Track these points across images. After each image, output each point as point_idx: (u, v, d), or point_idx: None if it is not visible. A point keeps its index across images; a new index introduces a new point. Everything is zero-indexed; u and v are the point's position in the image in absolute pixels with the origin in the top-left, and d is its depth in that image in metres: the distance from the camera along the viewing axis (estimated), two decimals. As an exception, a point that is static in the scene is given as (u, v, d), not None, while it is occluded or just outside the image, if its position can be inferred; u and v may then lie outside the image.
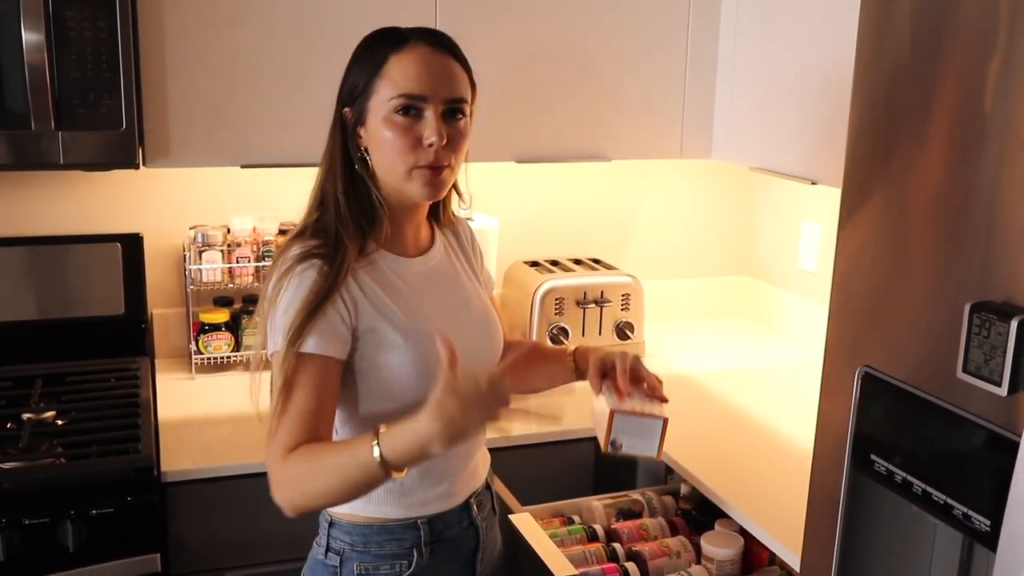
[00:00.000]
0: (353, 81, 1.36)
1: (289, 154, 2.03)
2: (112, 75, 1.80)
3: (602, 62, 2.21)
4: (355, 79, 1.36)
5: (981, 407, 1.01)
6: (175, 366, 2.30)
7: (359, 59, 1.37)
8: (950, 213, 1.06)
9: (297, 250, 1.31)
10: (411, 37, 1.35)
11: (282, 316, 1.27)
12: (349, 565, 1.39)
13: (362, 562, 1.39)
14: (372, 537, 1.39)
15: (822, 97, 1.92)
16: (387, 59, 1.33)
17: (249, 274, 2.28)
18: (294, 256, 1.30)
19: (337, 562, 1.39)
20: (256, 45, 1.96)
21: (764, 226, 2.75)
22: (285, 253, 1.32)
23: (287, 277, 1.28)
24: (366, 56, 1.36)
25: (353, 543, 1.39)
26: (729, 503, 1.70)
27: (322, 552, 1.41)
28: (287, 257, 1.31)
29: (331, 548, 1.40)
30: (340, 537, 1.40)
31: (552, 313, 2.36)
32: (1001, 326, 0.96)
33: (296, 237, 1.34)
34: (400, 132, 1.31)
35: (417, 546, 1.40)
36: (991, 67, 1.00)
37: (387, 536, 1.39)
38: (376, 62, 1.34)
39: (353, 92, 1.36)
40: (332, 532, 1.40)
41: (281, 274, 1.29)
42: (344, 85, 1.38)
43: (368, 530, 1.38)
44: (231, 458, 1.85)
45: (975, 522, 1.03)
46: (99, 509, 1.71)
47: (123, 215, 2.27)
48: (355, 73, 1.36)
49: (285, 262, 1.30)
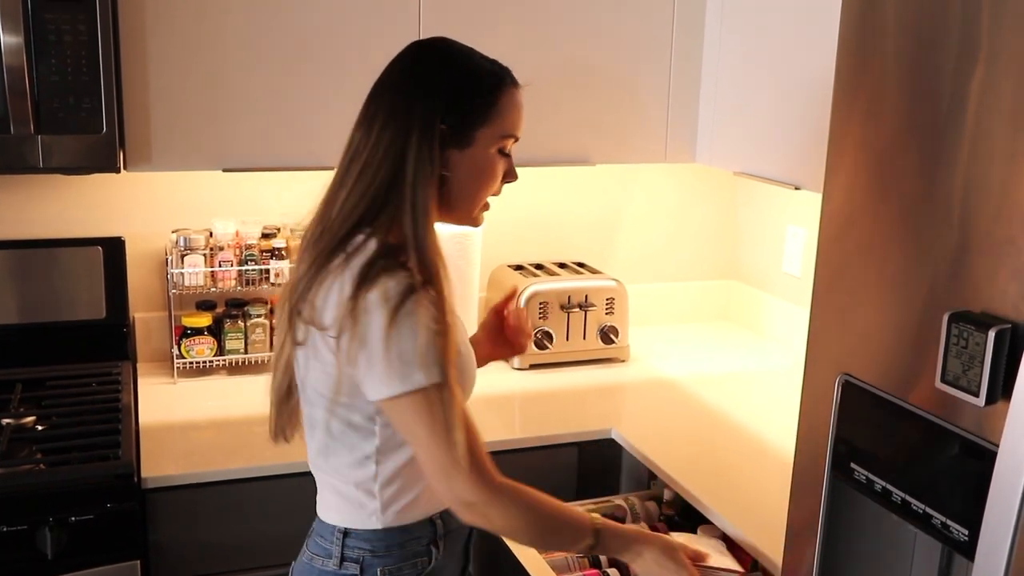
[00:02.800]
0: (465, 101, 1.33)
1: (272, 158, 2.02)
2: (92, 78, 1.79)
3: (586, 66, 2.21)
4: (468, 100, 1.33)
5: (959, 417, 1.01)
6: (157, 370, 2.29)
7: (476, 80, 1.34)
8: (928, 222, 1.06)
9: (402, 282, 1.24)
10: (510, 75, 1.39)
11: (414, 351, 1.23)
12: (371, 571, 1.39)
13: (385, 566, 1.39)
14: (395, 539, 1.39)
15: (805, 102, 1.92)
16: (502, 93, 1.35)
17: (232, 278, 2.27)
18: (403, 288, 1.23)
19: (357, 570, 1.39)
20: (238, 48, 1.95)
21: (749, 230, 2.76)
22: (384, 285, 1.23)
23: (400, 313, 1.23)
24: (477, 82, 1.34)
25: (375, 549, 1.39)
26: (711, 509, 1.70)
27: (335, 563, 1.40)
28: (393, 287, 1.23)
29: (347, 558, 1.39)
30: (359, 546, 1.39)
31: (536, 317, 2.35)
32: (979, 336, 0.96)
33: (381, 259, 1.27)
34: (499, 169, 1.38)
35: (434, 541, 1.43)
36: (972, 77, 1.00)
37: (408, 536, 1.40)
38: (491, 91, 1.34)
39: (463, 111, 1.32)
40: (348, 542, 1.39)
41: (391, 313, 1.22)
42: (444, 97, 1.31)
43: (390, 534, 1.39)
44: (213, 464, 1.84)
45: (953, 531, 1.03)
46: (78, 516, 1.69)
47: (105, 219, 2.25)
48: (468, 94, 1.33)
49: (389, 299, 1.23)
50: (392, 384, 1.25)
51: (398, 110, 1.31)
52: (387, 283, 1.24)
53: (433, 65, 1.35)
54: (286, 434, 1.45)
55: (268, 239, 2.30)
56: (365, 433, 1.35)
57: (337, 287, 1.27)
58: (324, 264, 1.30)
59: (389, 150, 1.29)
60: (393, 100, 1.32)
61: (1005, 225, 0.97)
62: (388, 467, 1.36)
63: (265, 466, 1.83)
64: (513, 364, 2.38)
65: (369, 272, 1.25)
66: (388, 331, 1.23)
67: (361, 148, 1.32)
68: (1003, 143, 0.97)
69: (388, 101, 1.33)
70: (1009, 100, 0.96)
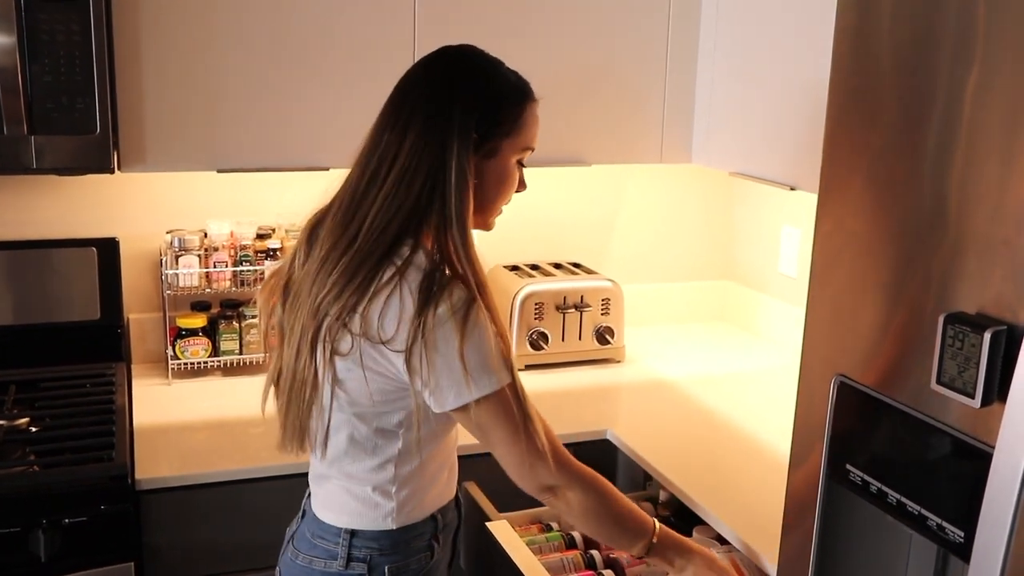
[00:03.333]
0: (497, 113, 1.36)
1: (266, 159, 2.02)
2: (86, 78, 1.78)
3: (582, 67, 2.20)
4: (498, 112, 1.36)
5: (955, 418, 1.01)
6: (152, 372, 2.28)
7: (505, 92, 1.38)
8: (923, 222, 1.05)
9: (463, 294, 1.28)
10: (531, 89, 1.43)
11: (486, 357, 1.29)
12: (379, 569, 1.41)
13: (393, 563, 1.42)
14: (400, 538, 1.42)
15: (801, 103, 1.92)
16: (526, 106, 1.40)
17: (227, 279, 2.26)
18: (465, 300, 1.27)
19: (364, 569, 1.41)
20: (233, 49, 1.95)
21: (744, 231, 2.76)
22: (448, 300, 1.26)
23: (468, 323, 1.27)
24: (507, 95, 1.38)
25: (382, 548, 1.41)
26: (707, 510, 1.70)
27: (342, 564, 1.40)
28: (457, 300, 1.27)
29: (354, 558, 1.41)
30: (365, 545, 1.41)
31: (532, 318, 2.35)
32: (975, 338, 0.96)
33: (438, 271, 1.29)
34: (517, 178, 1.44)
35: (435, 536, 1.47)
36: (968, 77, 1.00)
37: (413, 533, 1.43)
38: (518, 103, 1.39)
39: (495, 123, 1.36)
40: (355, 543, 1.41)
41: (460, 324, 1.26)
42: (479, 108, 1.34)
43: (396, 533, 1.42)
44: (207, 465, 1.83)
45: (949, 533, 1.02)
46: (72, 518, 1.69)
47: (99, 219, 2.25)
48: (499, 106, 1.37)
49: (456, 312, 1.26)
50: (470, 391, 1.29)
51: (435, 116, 1.32)
52: (451, 297, 1.27)
53: (468, 75, 1.37)
54: (302, 445, 1.42)
55: (263, 240, 2.29)
56: (391, 438, 1.38)
57: (396, 302, 1.28)
58: (372, 277, 1.29)
59: (426, 155, 1.31)
60: (429, 106, 1.33)
61: (1001, 225, 0.96)
62: (405, 469, 1.40)
63: (260, 467, 1.82)
64: (509, 365, 2.37)
65: (430, 286, 1.28)
66: (462, 343, 1.27)
67: (395, 151, 1.32)
68: (999, 143, 0.97)
69: (423, 107, 1.33)
70: (1005, 100, 0.96)
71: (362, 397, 1.34)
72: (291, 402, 1.38)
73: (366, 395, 1.33)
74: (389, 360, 1.30)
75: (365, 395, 1.34)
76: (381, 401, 1.34)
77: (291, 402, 1.38)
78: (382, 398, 1.34)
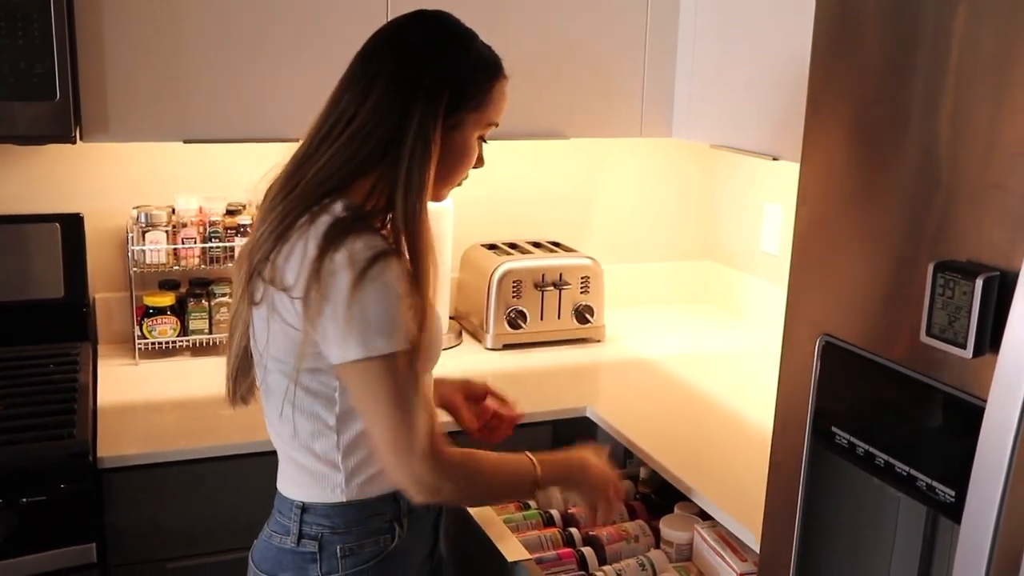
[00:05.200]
0: (465, 85, 1.31)
1: (235, 129, 1.96)
2: (45, 42, 1.71)
3: (561, 39, 2.15)
4: (468, 85, 1.32)
5: (945, 373, 0.97)
6: (119, 352, 2.22)
7: (477, 65, 1.34)
8: (911, 170, 1.01)
9: (370, 245, 1.21)
10: (502, 65, 1.38)
11: (379, 318, 1.20)
12: (330, 548, 1.33)
13: (345, 543, 1.33)
14: (354, 515, 1.34)
15: (784, 72, 1.88)
16: (496, 82, 1.36)
17: (195, 256, 2.20)
18: (374, 251, 1.20)
19: (315, 547, 1.33)
20: (201, 13, 1.88)
21: (726, 209, 2.71)
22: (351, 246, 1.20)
23: (367, 276, 1.19)
24: (478, 68, 1.33)
25: (334, 525, 1.33)
26: (689, 485, 1.66)
27: (293, 540, 1.34)
28: (360, 249, 1.20)
29: (305, 535, 1.34)
30: (317, 521, 1.33)
31: (510, 296, 2.30)
32: (966, 285, 0.92)
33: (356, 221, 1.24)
34: (475, 153, 1.38)
35: (397, 518, 1.37)
36: (955, 14, 0.96)
37: (369, 512, 1.34)
38: (488, 79, 1.35)
39: (464, 96, 1.32)
40: (305, 518, 1.34)
41: (358, 275, 1.19)
42: (450, 78, 1.30)
43: (350, 509, 1.33)
44: (173, 444, 1.77)
45: (939, 494, 0.98)
46: (30, 497, 1.62)
47: (62, 193, 2.18)
48: (469, 79, 1.32)
49: (356, 262, 1.19)
50: (352, 348, 1.21)
51: (401, 80, 1.27)
52: (354, 244, 1.21)
53: (442, 43, 1.32)
54: (245, 399, 1.41)
55: (233, 216, 2.23)
56: (325, 400, 1.30)
57: (301, 246, 1.23)
58: (291, 223, 1.25)
59: (386, 117, 1.26)
60: (396, 68, 1.28)
61: (992, 169, 0.92)
62: (348, 435, 1.32)
63: (227, 445, 1.76)
64: (486, 344, 2.32)
65: (335, 232, 1.22)
66: (353, 293, 1.19)
67: (353, 111, 1.27)
68: (989, 83, 0.93)
69: (390, 68, 1.28)
70: (995, 36, 0.92)
71: (284, 353, 1.27)
72: (230, 357, 1.37)
73: (288, 351, 1.27)
74: (290, 309, 1.24)
75: (287, 351, 1.27)
76: (308, 358, 1.26)
77: (230, 357, 1.37)
78: (308, 355, 1.25)
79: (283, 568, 1.35)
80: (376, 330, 1.21)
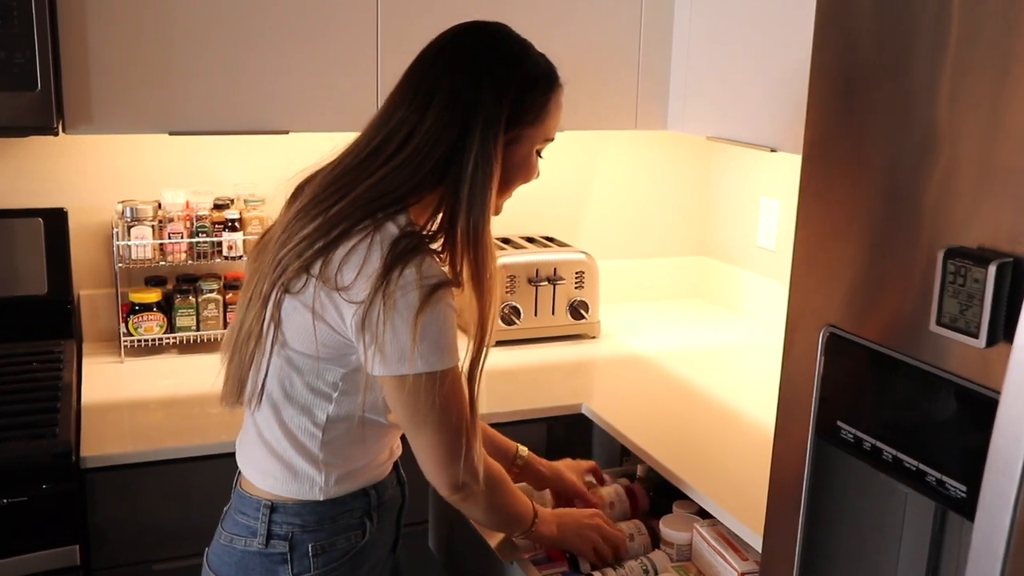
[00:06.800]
0: (526, 100, 1.29)
1: (222, 121, 1.92)
2: (25, 30, 1.67)
3: (555, 29, 2.11)
4: (527, 99, 1.29)
5: (957, 363, 0.94)
6: (104, 349, 2.18)
7: (535, 78, 1.31)
8: (914, 153, 0.98)
9: (437, 268, 1.23)
10: (557, 74, 1.35)
11: (441, 335, 1.22)
12: (302, 547, 1.30)
13: (317, 541, 1.31)
14: (326, 513, 1.31)
15: (782, 64, 1.84)
16: (553, 94, 1.33)
17: (182, 251, 2.16)
18: (439, 278, 1.22)
19: (286, 547, 1.30)
20: (186, 1, 1.84)
21: (722, 204, 2.68)
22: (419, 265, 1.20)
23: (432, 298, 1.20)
24: (537, 81, 1.31)
25: (305, 524, 1.30)
26: (688, 482, 1.62)
27: (260, 542, 1.30)
28: (427, 271, 1.21)
29: (275, 535, 1.30)
30: (287, 521, 1.30)
31: (504, 291, 2.26)
32: (978, 272, 0.88)
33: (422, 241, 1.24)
34: (535, 167, 1.37)
35: (367, 513, 1.36)
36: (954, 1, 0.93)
37: (340, 509, 1.32)
38: (545, 91, 1.32)
39: (522, 110, 1.29)
40: (275, 517, 1.30)
41: (427, 294, 1.20)
42: (510, 93, 1.27)
43: (321, 507, 1.31)
44: (158, 443, 1.73)
45: (950, 489, 0.95)
46: (11, 498, 1.58)
47: (45, 188, 2.13)
48: (528, 93, 1.29)
49: (425, 280, 1.20)
50: (415, 362, 1.21)
51: (460, 98, 1.25)
52: (422, 264, 1.21)
53: (500, 57, 1.29)
54: (242, 401, 1.35)
55: (221, 210, 2.18)
56: (323, 398, 1.29)
57: (363, 250, 1.21)
58: (348, 228, 1.23)
59: (445, 137, 1.24)
60: (453, 85, 1.25)
61: (999, 151, 0.89)
62: (333, 435, 1.31)
63: (212, 444, 1.72)
64: (479, 341, 2.28)
65: (405, 247, 1.21)
66: (420, 312, 1.19)
67: (409, 129, 1.25)
68: (992, 62, 0.89)
69: (447, 86, 1.25)
70: (996, 17, 0.88)
71: (299, 343, 1.26)
72: (235, 352, 1.31)
73: (304, 341, 1.25)
74: (339, 310, 1.22)
75: (303, 341, 1.25)
76: (321, 349, 1.25)
77: (235, 352, 1.31)
78: (323, 349, 1.25)
79: (249, 572, 1.31)
80: (437, 347, 1.22)
